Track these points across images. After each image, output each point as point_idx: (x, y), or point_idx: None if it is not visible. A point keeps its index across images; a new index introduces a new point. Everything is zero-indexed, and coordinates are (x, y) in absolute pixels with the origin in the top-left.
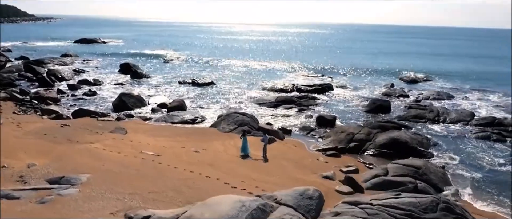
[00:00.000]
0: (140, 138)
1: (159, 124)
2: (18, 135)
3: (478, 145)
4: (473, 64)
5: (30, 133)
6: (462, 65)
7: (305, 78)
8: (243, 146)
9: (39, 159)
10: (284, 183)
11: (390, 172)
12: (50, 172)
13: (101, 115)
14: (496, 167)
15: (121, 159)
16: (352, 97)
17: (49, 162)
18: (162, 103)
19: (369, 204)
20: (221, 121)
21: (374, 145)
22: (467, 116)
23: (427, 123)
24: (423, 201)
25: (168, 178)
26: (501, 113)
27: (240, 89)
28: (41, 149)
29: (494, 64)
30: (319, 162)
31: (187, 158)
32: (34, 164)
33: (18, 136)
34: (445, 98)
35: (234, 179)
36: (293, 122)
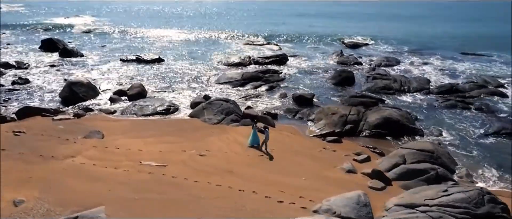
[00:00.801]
0: (125, 143)
1: (133, 119)
2: None
3: (452, 116)
4: (411, 25)
5: None
6: (399, 27)
7: (254, 48)
8: (253, 138)
9: (22, 190)
10: (317, 185)
11: (407, 159)
12: (50, 209)
13: (54, 112)
14: (480, 140)
15: (124, 177)
16: (310, 68)
17: (38, 195)
18: (119, 90)
19: (425, 205)
20: (203, 110)
21: (368, 125)
22: (425, 83)
23: (396, 94)
24: (472, 195)
25: (205, 200)
26: (450, 78)
27: (194, 65)
28: (14, 175)
29: (431, 26)
30: (329, 152)
31: (197, 165)
32: (21, 201)
33: None
34: (395, 63)
35: (271, 189)
36: (271, 103)
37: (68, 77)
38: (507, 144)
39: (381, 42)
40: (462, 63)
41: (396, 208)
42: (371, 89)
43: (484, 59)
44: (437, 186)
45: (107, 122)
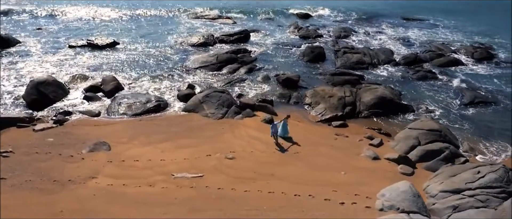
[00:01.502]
0: (139, 153)
1: (126, 121)
2: None
3: (428, 88)
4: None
5: None
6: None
7: (207, 24)
8: (285, 129)
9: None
10: (358, 178)
11: (421, 140)
12: None
13: (30, 120)
14: (462, 111)
15: (168, 196)
16: (276, 44)
17: None
18: (92, 86)
19: (469, 189)
20: (202, 104)
21: (364, 105)
22: (390, 54)
23: (369, 68)
24: (502, 174)
25: (273, 213)
26: (407, 47)
27: (155, 49)
28: (40, 210)
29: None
30: (343, 139)
31: (233, 171)
32: None
33: None
34: (352, 34)
35: (322, 189)
36: (258, 88)
37: (24, 74)
38: (486, 112)
39: (329, 11)
40: (411, 31)
41: (443, 194)
42: (346, 65)
43: (427, 25)
44: (469, 169)
45: (99, 127)
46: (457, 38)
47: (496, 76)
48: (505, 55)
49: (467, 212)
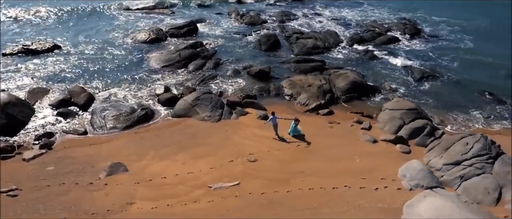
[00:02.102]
0: (162, 170)
1: (120, 135)
2: None
3: (381, 67)
4: None
5: None
6: None
7: (141, 15)
8: (296, 130)
9: None
10: (373, 163)
11: (405, 119)
12: None
13: (12, 149)
14: (419, 87)
15: (220, 209)
16: (226, 34)
17: None
18: (62, 100)
19: (466, 159)
20: (194, 108)
21: (340, 91)
22: (337, 36)
23: (325, 52)
24: (483, 142)
25: (332, 210)
26: (346, 28)
27: (103, 49)
28: None
29: None
30: (337, 126)
31: (264, 173)
32: None
33: None
34: (292, 17)
35: (350, 179)
36: (234, 82)
37: None
38: (438, 86)
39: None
40: (344, 11)
41: (447, 166)
42: (303, 51)
43: (354, 3)
44: (457, 141)
45: (96, 146)
46: (385, 15)
47: (429, 50)
48: (429, 29)
49: (472, 180)
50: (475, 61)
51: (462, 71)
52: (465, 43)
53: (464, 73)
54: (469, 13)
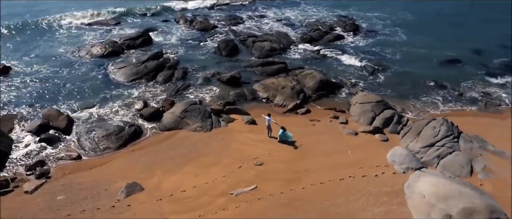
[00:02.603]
0: (177, 182)
1: (117, 155)
2: None
3: (336, 64)
4: None
5: None
6: None
7: (88, 28)
8: (287, 135)
9: None
10: (362, 153)
11: (375, 111)
12: None
13: (7, 184)
14: (375, 80)
15: (250, 214)
16: (182, 41)
17: None
18: (40, 126)
19: (437, 141)
20: (184, 120)
21: (310, 90)
22: (288, 37)
23: (282, 53)
24: (446, 125)
25: (356, 199)
26: (293, 28)
27: (62, 67)
28: None
29: None
30: (318, 123)
31: (275, 175)
32: None
33: None
34: (240, 20)
35: (349, 170)
36: (209, 90)
37: None
38: (390, 77)
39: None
40: (286, 12)
41: (424, 149)
42: (263, 54)
43: (293, 3)
44: (425, 126)
45: (97, 169)
46: (324, 14)
47: (372, 45)
48: (365, 25)
49: (447, 158)
50: (412, 53)
51: (404, 63)
52: (400, 36)
53: (406, 64)
54: (395, 8)
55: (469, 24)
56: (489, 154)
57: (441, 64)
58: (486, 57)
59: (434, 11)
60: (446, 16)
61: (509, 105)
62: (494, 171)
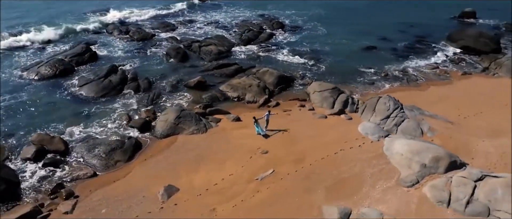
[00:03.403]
0: (205, 179)
1: (139, 164)
2: None
3: (279, 59)
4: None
5: None
6: None
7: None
8: (258, 128)
9: None
10: (338, 133)
11: (333, 95)
12: None
13: (39, 211)
14: (321, 69)
15: (281, 189)
16: (128, 53)
17: None
18: (35, 151)
19: (391, 113)
20: (179, 126)
21: (272, 85)
22: (227, 39)
23: (229, 55)
24: (393, 100)
25: (361, 160)
26: (228, 30)
27: (15, 92)
28: None
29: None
30: (292, 113)
31: (285, 158)
32: None
33: None
34: (173, 27)
35: (337, 145)
36: (182, 97)
37: None
38: (327, 66)
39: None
40: (213, 15)
41: (383, 121)
42: (213, 58)
43: (216, 7)
44: (377, 103)
45: (120, 181)
46: (248, 14)
47: (301, 39)
48: (288, 22)
49: (402, 125)
50: (336, 44)
51: (335, 53)
52: (321, 30)
53: (336, 54)
54: (306, 5)
55: (373, 15)
56: (427, 117)
57: (362, 51)
58: (393, 42)
59: (341, 6)
60: (353, 10)
61: (423, 79)
62: (436, 129)
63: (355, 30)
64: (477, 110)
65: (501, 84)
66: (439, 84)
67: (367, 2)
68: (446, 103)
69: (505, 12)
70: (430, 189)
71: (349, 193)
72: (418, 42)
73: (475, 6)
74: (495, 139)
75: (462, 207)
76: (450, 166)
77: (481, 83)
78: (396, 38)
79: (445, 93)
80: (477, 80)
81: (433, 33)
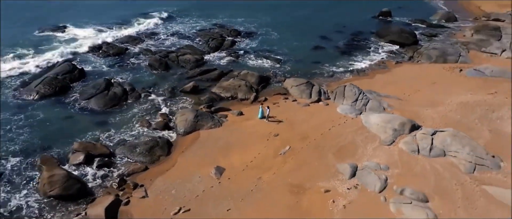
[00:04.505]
0: (240, 159)
1: (178, 156)
2: None
3: (249, 62)
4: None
5: None
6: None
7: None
8: (262, 113)
9: None
10: (323, 115)
11: (309, 88)
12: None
13: (120, 200)
14: (286, 69)
15: (303, 156)
16: (114, 68)
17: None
18: (84, 157)
19: (355, 96)
20: (198, 122)
21: (255, 84)
22: (194, 49)
23: (206, 62)
24: (356, 87)
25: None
26: (192, 40)
27: (30, 112)
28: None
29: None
30: (280, 105)
31: (293, 137)
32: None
33: None
34: (140, 41)
35: (330, 122)
36: (184, 101)
37: None
38: (291, 65)
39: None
40: (172, 26)
41: (353, 103)
42: (193, 65)
43: (168, 18)
44: (345, 89)
45: (171, 169)
46: (204, 24)
47: (261, 44)
48: (243, 28)
49: (368, 105)
50: (291, 46)
51: (292, 54)
52: (274, 35)
53: (294, 55)
54: (253, 12)
55: (310, 19)
56: (383, 97)
57: (314, 51)
58: (334, 41)
59: (282, 12)
60: (294, 15)
61: (369, 70)
62: (392, 105)
63: (300, 33)
64: (415, 89)
65: (424, 68)
66: (381, 72)
67: (309, 7)
68: (392, 86)
69: (413, 10)
70: (404, 144)
71: (350, 155)
72: (354, 40)
73: (389, 6)
74: (434, 107)
75: (427, 152)
76: (412, 128)
77: (411, 69)
78: (336, 38)
79: (388, 79)
80: (407, 67)
81: (363, 30)
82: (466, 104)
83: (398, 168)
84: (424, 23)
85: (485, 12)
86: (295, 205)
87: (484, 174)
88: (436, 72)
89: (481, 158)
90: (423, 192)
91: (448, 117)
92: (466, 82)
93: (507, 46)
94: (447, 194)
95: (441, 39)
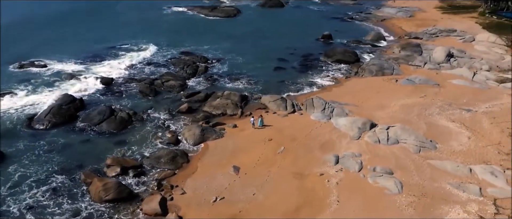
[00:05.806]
0: (249, 158)
1: (196, 159)
2: None
3: (226, 84)
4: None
5: None
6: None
7: None
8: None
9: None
10: (306, 123)
11: (283, 102)
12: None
13: (165, 198)
14: (257, 87)
15: (308, 146)
16: (106, 96)
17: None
18: (121, 169)
19: (326, 106)
20: (204, 135)
21: (239, 102)
22: (172, 74)
23: (187, 86)
24: (322, 99)
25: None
26: (165, 68)
27: (45, 139)
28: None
29: None
30: (267, 116)
31: (285, 139)
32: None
33: None
34: (117, 70)
35: (314, 124)
36: (183, 119)
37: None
38: (261, 84)
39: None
40: (144, 54)
41: (322, 111)
42: (179, 90)
43: (138, 46)
44: (312, 101)
45: (197, 171)
46: (173, 53)
47: (230, 68)
48: (210, 55)
49: (334, 111)
50: (257, 68)
51: (260, 75)
52: (239, 59)
53: (262, 75)
54: (214, 40)
55: (261, 42)
56: (343, 105)
57: (276, 71)
58: (290, 62)
59: (240, 40)
60: (251, 43)
61: (326, 84)
62: (352, 111)
63: (261, 56)
64: (365, 97)
65: (368, 81)
66: (336, 86)
67: (251, 34)
68: (347, 96)
69: (349, 32)
70: (368, 138)
71: (331, 148)
72: (306, 60)
73: (328, 29)
74: (383, 110)
75: (386, 142)
76: (371, 126)
77: (358, 82)
78: (291, 59)
79: (342, 91)
80: (355, 81)
81: (312, 52)
82: (406, 105)
83: (368, 154)
84: (360, 43)
85: (406, 32)
86: (302, 186)
87: (426, 153)
88: (378, 83)
89: (423, 142)
90: (389, 168)
91: (395, 116)
92: (402, 90)
93: (427, 59)
94: (405, 167)
95: (377, 56)
